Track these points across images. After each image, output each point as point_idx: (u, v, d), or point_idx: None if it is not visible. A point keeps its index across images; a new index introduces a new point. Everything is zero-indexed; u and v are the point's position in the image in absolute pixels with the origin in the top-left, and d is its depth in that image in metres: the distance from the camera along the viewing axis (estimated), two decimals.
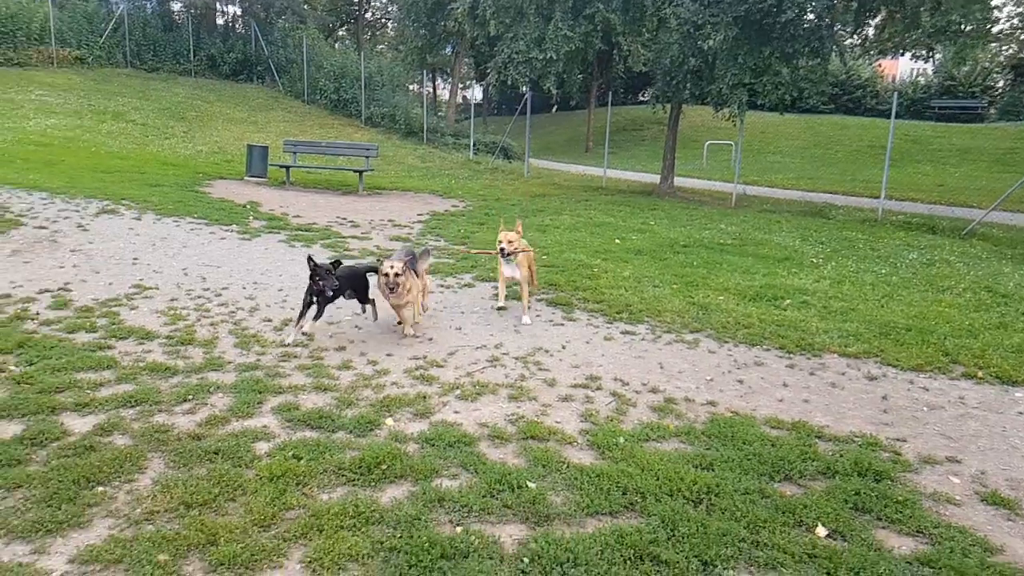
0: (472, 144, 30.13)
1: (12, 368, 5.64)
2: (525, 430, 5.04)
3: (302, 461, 4.43)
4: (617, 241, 12.40)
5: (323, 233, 11.79)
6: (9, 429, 4.66)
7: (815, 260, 11.48)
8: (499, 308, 7.82)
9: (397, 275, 6.47)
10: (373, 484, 4.25)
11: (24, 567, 3.36)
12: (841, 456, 4.80)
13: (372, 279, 7.25)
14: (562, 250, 11.40)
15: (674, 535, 3.81)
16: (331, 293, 6.65)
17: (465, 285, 9.18)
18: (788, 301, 8.75)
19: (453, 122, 37.22)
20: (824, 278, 10.14)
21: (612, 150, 25.82)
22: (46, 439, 4.55)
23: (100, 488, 4.05)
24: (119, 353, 6.10)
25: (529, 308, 7.82)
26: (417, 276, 6.98)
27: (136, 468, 4.30)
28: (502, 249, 7.35)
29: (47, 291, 7.69)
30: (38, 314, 6.94)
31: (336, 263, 6.66)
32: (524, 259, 7.62)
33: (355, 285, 7.21)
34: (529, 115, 24.86)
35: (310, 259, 6.57)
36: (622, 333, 7.45)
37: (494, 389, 5.79)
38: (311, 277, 6.53)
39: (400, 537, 3.68)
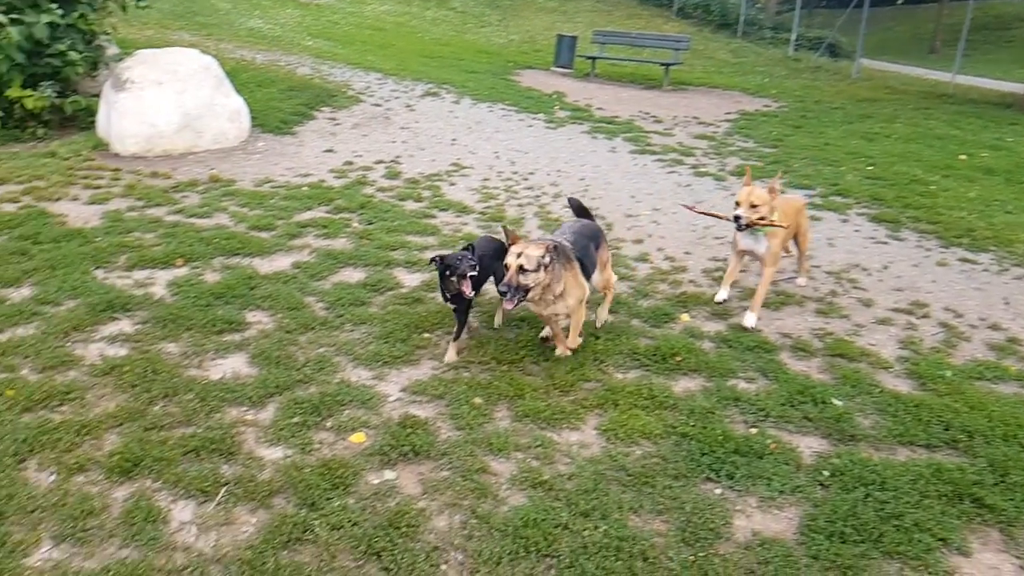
0: (793, 39, 27.74)
1: (356, 224, 6.63)
2: (833, 347, 4.81)
3: (599, 341, 4.70)
4: (962, 157, 10.83)
5: (625, 126, 11.88)
6: (355, 275, 5.55)
7: None
8: (717, 302, 5.37)
9: (524, 269, 3.90)
10: (667, 373, 4.39)
11: (367, 388, 4.06)
12: None
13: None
14: (892, 163, 10.27)
15: (1003, 481, 3.47)
16: (471, 293, 4.30)
17: None
18: None
19: (773, 14, 34.46)
20: None
21: (967, 52, 22.15)
22: (383, 287, 5.35)
23: (426, 334, 4.70)
24: (440, 222, 6.87)
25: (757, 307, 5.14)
26: (592, 268, 4.54)
27: (452, 324, 4.90)
28: (737, 218, 4.85)
29: (381, 162, 8.81)
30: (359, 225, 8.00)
31: (468, 247, 4.44)
32: (781, 233, 5.07)
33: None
34: (867, 7, 22.13)
35: (437, 259, 4.33)
36: (959, 260, 6.62)
37: (800, 301, 5.56)
38: (443, 275, 4.32)
39: (693, 426, 3.81)
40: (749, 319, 5.01)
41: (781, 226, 4.94)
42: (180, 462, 3.35)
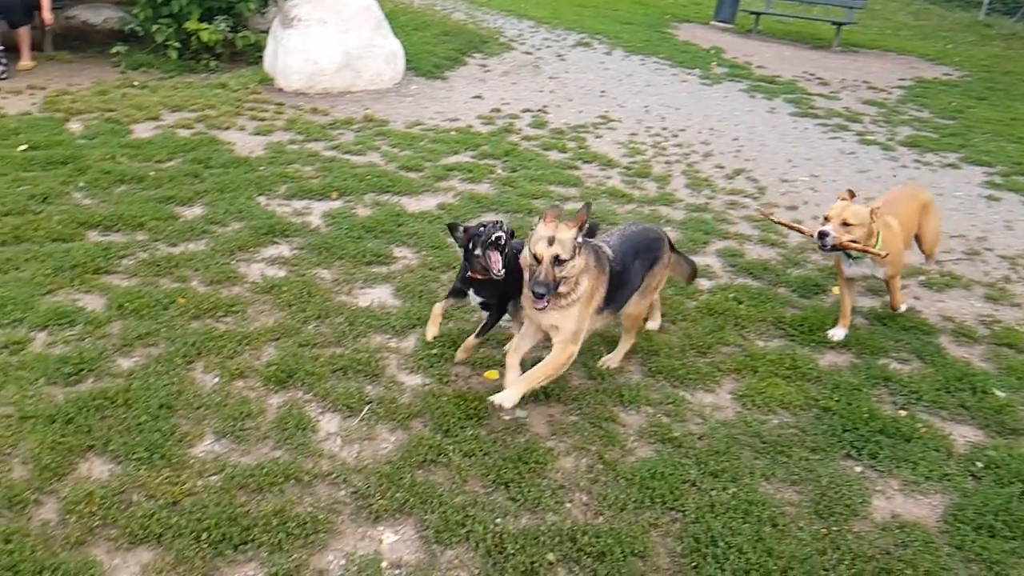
0: (986, 2, 25.23)
1: (500, 171, 6.76)
2: (1001, 335, 4.48)
3: (742, 305, 4.61)
4: None
5: (786, 87, 11.30)
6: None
7: None
8: (835, 339, 4.30)
9: (560, 260, 3.10)
10: (812, 345, 4.26)
11: (502, 328, 4.19)
12: None
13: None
14: None
15: None
16: (500, 271, 3.42)
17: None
18: None
19: None
20: None
21: None
22: (523, 235, 5.45)
23: None
24: (584, 174, 6.87)
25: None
26: (629, 291, 3.63)
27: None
28: (822, 235, 4.00)
29: (528, 111, 8.86)
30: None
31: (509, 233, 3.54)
32: (896, 247, 4.21)
33: None
34: None
35: (454, 227, 3.67)
36: None
37: (967, 284, 5.19)
38: (467, 250, 3.56)
39: (837, 401, 3.69)
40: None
41: (878, 254, 4.00)
42: (329, 378, 3.61)
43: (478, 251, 3.44)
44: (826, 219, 4.05)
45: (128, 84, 8.30)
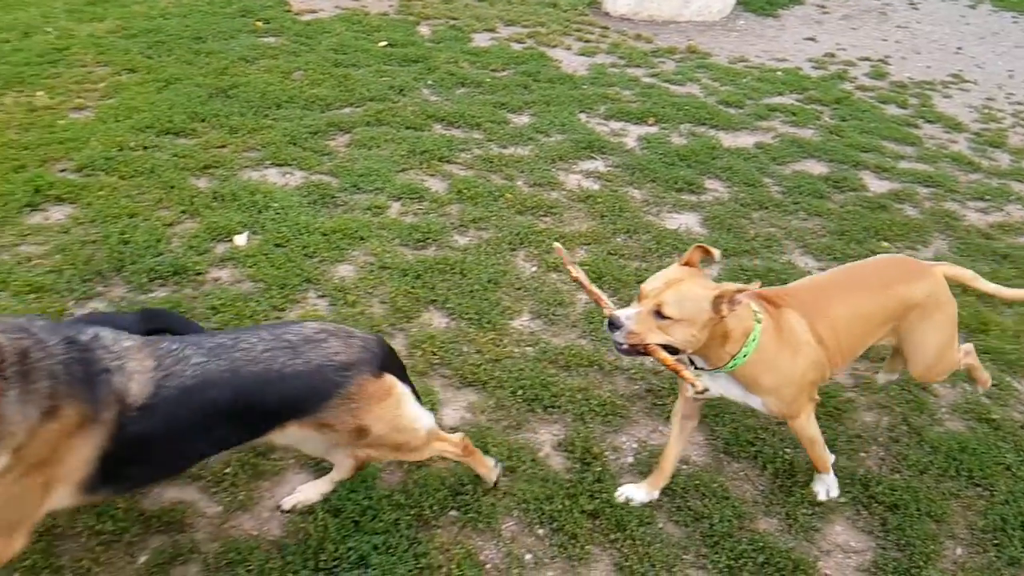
0: None
1: (827, 119, 6.51)
2: None
3: None
4: None
5: None
6: (817, 168, 5.55)
7: None
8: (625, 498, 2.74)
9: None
10: None
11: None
12: None
13: None
14: None
15: None
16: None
17: None
18: None
19: None
20: None
21: None
22: (846, 187, 5.29)
23: (884, 243, 4.60)
24: (924, 134, 6.39)
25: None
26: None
27: (920, 240, 4.70)
28: (612, 324, 2.32)
29: (867, 59, 8.32)
30: None
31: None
32: (785, 369, 2.52)
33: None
34: None
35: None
36: None
37: None
38: None
39: None
40: (819, 487, 2.84)
41: (692, 382, 2.33)
42: (632, 287, 3.90)
43: None
44: (640, 297, 2.38)
45: None
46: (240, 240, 3.94)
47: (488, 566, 2.46)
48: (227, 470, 2.64)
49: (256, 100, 5.57)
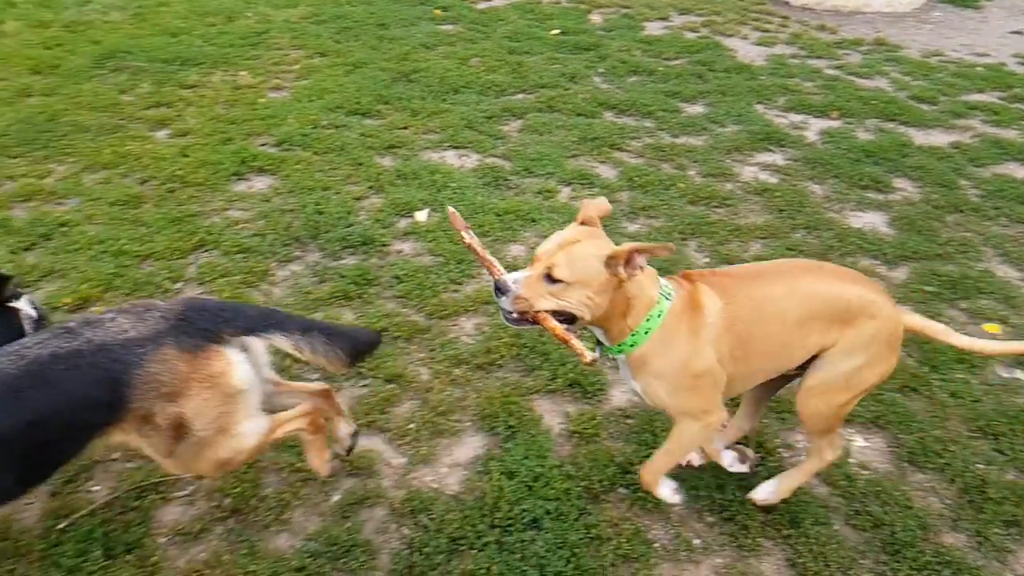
0: None
1: None
2: None
3: None
4: None
5: None
6: (1021, 172, 5.15)
7: None
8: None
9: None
10: None
11: (1011, 285, 3.90)
12: None
13: None
14: None
15: None
16: None
17: None
18: None
19: None
20: None
21: None
22: None
23: None
24: None
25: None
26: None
27: None
28: (500, 289, 2.11)
29: None
30: None
31: None
32: (683, 352, 2.20)
33: None
34: None
35: None
36: None
37: None
38: None
39: None
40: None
41: (582, 354, 2.12)
42: None
43: None
44: (533, 260, 2.17)
45: None
46: (421, 216, 4.16)
47: (656, 545, 2.50)
48: (410, 425, 2.82)
49: (435, 84, 5.84)
